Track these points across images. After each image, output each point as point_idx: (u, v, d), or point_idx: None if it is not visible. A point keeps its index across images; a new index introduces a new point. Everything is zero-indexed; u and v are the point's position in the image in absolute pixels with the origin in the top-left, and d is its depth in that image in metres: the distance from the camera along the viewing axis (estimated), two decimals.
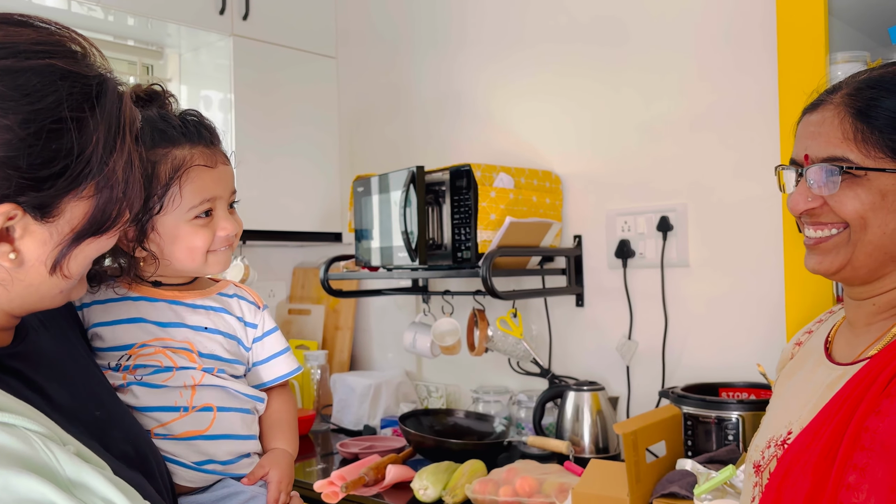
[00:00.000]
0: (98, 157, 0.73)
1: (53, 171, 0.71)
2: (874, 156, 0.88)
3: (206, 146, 1.05)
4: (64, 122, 0.71)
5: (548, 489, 1.65)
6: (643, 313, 2.07)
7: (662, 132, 2.02)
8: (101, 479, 0.69)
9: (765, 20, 1.80)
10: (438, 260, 2.04)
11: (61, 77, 0.72)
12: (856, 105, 0.90)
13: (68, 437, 0.72)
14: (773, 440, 0.97)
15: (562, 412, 1.98)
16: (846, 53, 1.29)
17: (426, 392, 2.58)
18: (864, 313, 0.97)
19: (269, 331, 1.17)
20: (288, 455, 1.13)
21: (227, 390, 1.09)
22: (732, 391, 1.78)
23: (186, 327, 1.07)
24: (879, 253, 0.91)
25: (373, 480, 1.86)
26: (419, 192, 2.00)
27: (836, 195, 0.90)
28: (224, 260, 1.08)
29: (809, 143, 0.94)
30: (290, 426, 1.16)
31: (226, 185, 1.07)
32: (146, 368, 1.03)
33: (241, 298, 1.15)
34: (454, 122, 2.50)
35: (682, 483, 1.42)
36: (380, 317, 2.78)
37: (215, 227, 1.05)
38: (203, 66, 2.62)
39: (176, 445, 1.03)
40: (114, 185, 0.76)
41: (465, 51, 2.47)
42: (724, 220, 1.92)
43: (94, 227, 0.77)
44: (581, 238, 2.18)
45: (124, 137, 0.77)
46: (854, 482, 0.81)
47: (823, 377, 0.97)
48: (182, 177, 1.01)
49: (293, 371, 1.19)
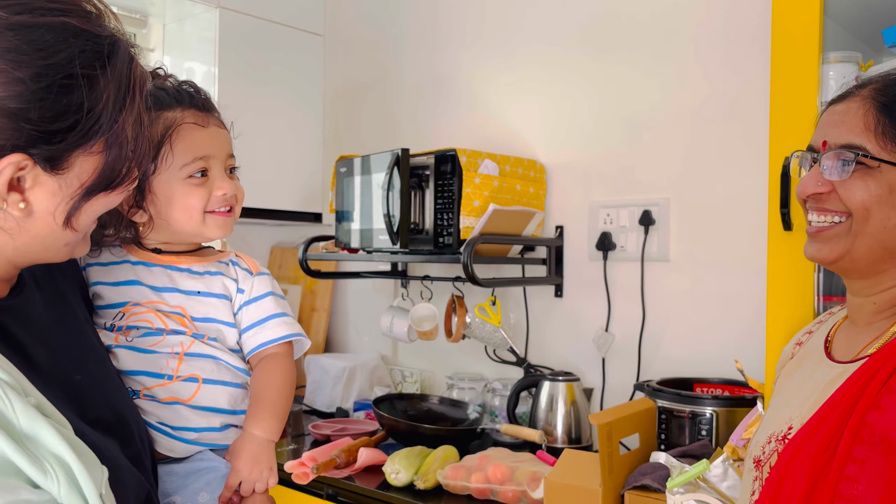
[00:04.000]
0: (108, 114, 0.75)
1: (64, 126, 0.73)
2: (890, 149, 0.90)
3: (199, 109, 1.06)
4: (75, 79, 0.73)
5: (520, 477, 1.65)
6: (621, 306, 2.07)
7: (649, 126, 2.02)
8: (55, 434, 0.70)
9: (757, 18, 1.80)
10: (419, 245, 2.03)
11: (74, 35, 0.73)
12: (882, 99, 0.92)
13: (32, 389, 0.73)
14: (774, 436, 0.98)
15: (536, 401, 1.98)
16: (839, 54, 1.29)
17: (401, 377, 2.57)
18: (865, 312, 0.98)
19: (258, 297, 1.11)
20: (254, 439, 1.06)
21: (217, 361, 1.07)
22: (707, 387, 1.79)
23: (179, 292, 1.07)
24: (879, 247, 0.92)
25: (344, 463, 1.85)
26: (403, 175, 1.98)
27: (847, 182, 0.92)
28: (224, 224, 1.07)
29: (830, 130, 0.95)
30: (266, 404, 1.07)
31: (220, 146, 1.07)
32: (138, 330, 1.04)
33: (236, 264, 1.13)
34: (441, 106, 2.48)
35: (655, 476, 1.42)
36: (357, 300, 2.76)
37: (212, 186, 1.05)
38: (187, 38, 2.57)
39: (162, 409, 1.03)
40: (123, 143, 0.78)
41: (456, 35, 2.45)
42: (707, 216, 1.92)
43: (103, 182, 0.79)
44: (563, 229, 2.18)
45: (134, 96, 0.78)
46: (853, 474, 0.83)
47: (824, 375, 0.98)
48: (173, 135, 1.02)
49: (277, 338, 1.10)
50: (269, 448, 1.07)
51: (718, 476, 1.26)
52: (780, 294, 1.35)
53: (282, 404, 1.09)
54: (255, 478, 1.05)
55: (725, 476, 1.26)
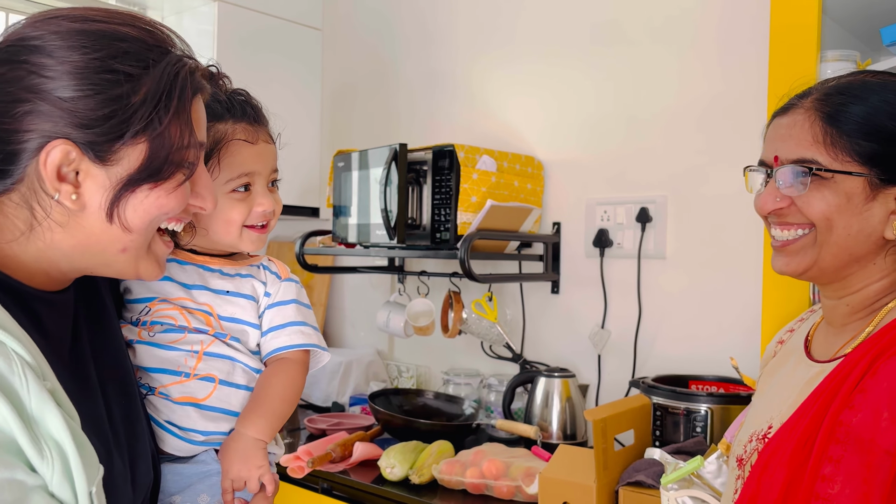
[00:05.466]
0: (146, 109, 0.80)
1: (102, 114, 0.78)
2: (841, 159, 0.91)
3: (250, 123, 1.08)
4: (116, 73, 0.78)
5: (515, 473, 1.66)
6: (617, 303, 2.08)
7: (647, 124, 2.02)
8: (60, 422, 0.71)
9: (756, 16, 1.80)
10: (416, 240, 2.03)
11: (120, 39, 0.80)
12: (825, 110, 0.93)
13: (51, 375, 0.74)
14: (755, 434, 0.99)
15: (531, 397, 1.98)
16: (836, 52, 1.29)
17: (397, 372, 2.58)
18: (839, 314, 0.99)
19: (282, 302, 1.12)
20: (242, 438, 1.04)
21: (234, 362, 1.07)
22: (702, 384, 1.79)
23: (209, 290, 1.08)
24: (844, 254, 0.93)
25: (339, 457, 1.85)
26: (401, 170, 1.98)
27: (804, 196, 0.93)
28: (258, 240, 1.09)
29: (780, 145, 0.96)
30: (261, 404, 1.06)
31: (266, 163, 1.09)
32: (161, 326, 1.05)
33: (267, 268, 1.14)
34: (439, 101, 2.48)
35: (649, 472, 1.43)
36: (354, 295, 2.76)
37: (252, 202, 1.07)
38: (186, 31, 2.56)
39: (172, 409, 1.03)
40: (164, 139, 0.81)
41: (455, 31, 2.44)
42: (704, 214, 1.92)
43: (146, 172, 0.81)
44: (560, 225, 2.18)
45: (180, 100, 0.83)
46: (829, 474, 0.84)
47: (803, 374, 0.99)
48: (222, 150, 1.04)
49: (291, 346, 1.10)
50: (256, 447, 1.05)
51: (713, 472, 1.27)
52: (775, 292, 1.35)
53: (278, 407, 1.08)
54: (243, 476, 1.04)
55: (719, 473, 1.26)
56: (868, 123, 0.91)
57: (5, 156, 0.77)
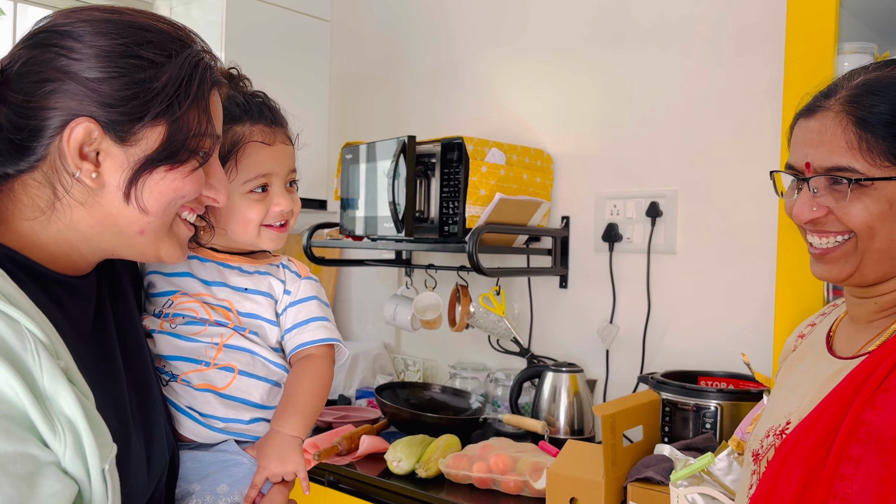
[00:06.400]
0: (167, 94, 0.83)
1: (125, 95, 0.81)
2: (880, 164, 0.87)
3: (267, 125, 1.10)
4: (140, 59, 0.82)
5: (522, 467, 1.65)
6: (626, 298, 2.06)
7: (657, 118, 2.00)
8: (73, 400, 0.72)
9: (771, 9, 1.78)
10: (424, 233, 2.01)
11: (145, 29, 0.84)
12: (857, 113, 0.88)
13: (66, 354, 0.76)
14: (773, 430, 0.98)
15: (539, 392, 1.97)
16: (854, 44, 1.27)
17: (403, 365, 2.57)
18: (866, 311, 0.97)
19: (303, 299, 1.14)
20: (279, 437, 1.07)
21: (254, 356, 1.09)
22: (712, 380, 1.78)
23: (228, 287, 1.10)
24: (886, 259, 0.90)
25: (346, 450, 1.85)
26: (409, 162, 1.97)
27: (844, 206, 0.89)
28: (277, 238, 1.11)
29: (810, 150, 0.92)
30: (294, 402, 1.09)
31: (283, 164, 1.10)
32: (182, 318, 1.07)
33: (286, 267, 1.16)
34: (448, 93, 2.46)
35: (658, 468, 1.42)
36: (361, 288, 2.75)
37: (270, 202, 1.09)
38: (194, 21, 2.55)
39: (193, 395, 1.05)
40: (183, 123, 0.85)
41: (464, 23, 2.43)
42: (715, 209, 1.91)
43: (163, 154, 0.84)
44: (569, 219, 2.17)
45: (200, 89, 0.86)
46: (848, 473, 0.82)
47: (824, 370, 0.97)
48: (239, 151, 1.06)
49: (316, 340, 1.12)
50: (294, 445, 1.07)
51: (723, 470, 1.25)
52: (788, 287, 1.34)
53: (310, 403, 1.10)
54: (280, 473, 1.06)
55: (730, 470, 1.25)
56: None
57: (29, 132, 0.80)
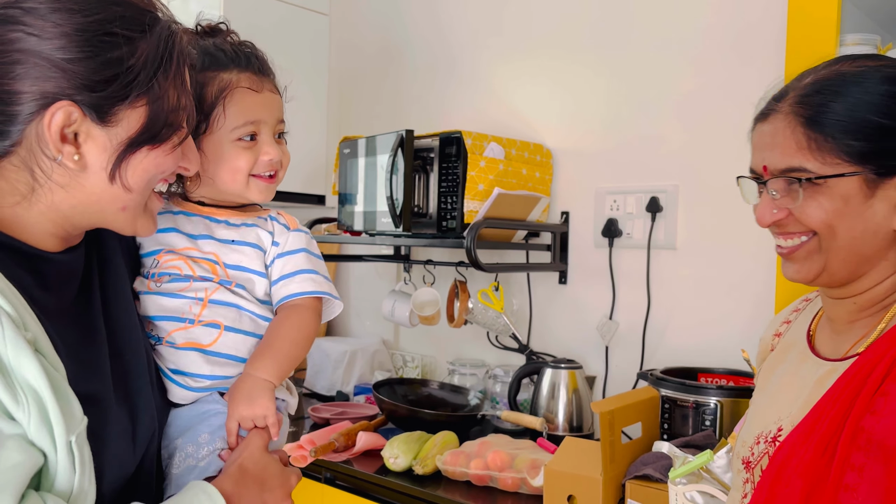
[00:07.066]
0: (147, 72, 0.82)
1: (105, 77, 0.80)
2: (831, 162, 0.87)
3: (255, 73, 1.08)
4: (115, 37, 0.80)
5: (520, 464, 1.63)
6: (626, 294, 2.05)
7: (658, 112, 1.98)
8: (38, 372, 0.72)
9: (773, 4, 1.76)
10: (423, 228, 2.00)
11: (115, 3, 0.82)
12: (805, 113, 0.89)
13: (35, 326, 0.76)
14: (763, 436, 0.96)
15: (538, 389, 1.96)
16: (856, 36, 1.25)
17: (402, 361, 2.56)
18: (844, 311, 0.95)
19: (291, 251, 1.11)
20: (250, 379, 1.03)
21: (240, 310, 1.07)
22: (712, 377, 1.76)
23: (214, 240, 1.09)
24: (852, 256, 0.90)
25: (343, 447, 1.84)
26: (407, 157, 1.95)
27: (800, 206, 0.90)
28: (266, 189, 1.10)
29: (766, 154, 0.93)
30: (270, 347, 1.06)
31: (271, 112, 1.10)
32: (168, 276, 1.06)
33: (275, 219, 1.14)
34: (447, 87, 2.44)
35: (657, 466, 1.40)
36: (359, 283, 2.74)
37: (259, 150, 1.08)
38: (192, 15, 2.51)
39: (178, 355, 1.04)
40: (163, 101, 0.84)
41: (463, 18, 2.41)
42: (715, 204, 1.89)
43: (146, 135, 0.84)
44: (568, 215, 2.15)
45: (177, 64, 0.85)
46: (852, 483, 0.80)
47: (811, 372, 0.95)
48: (227, 97, 1.05)
49: (301, 293, 1.09)
50: (264, 388, 1.03)
51: (722, 467, 1.24)
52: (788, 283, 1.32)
53: (287, 350, 1.07)
54: (247, 416, 1.02)
55: (729, 467, 1.24)
56: (851, 121, 0.86)
57: (5, 117, 0.79)
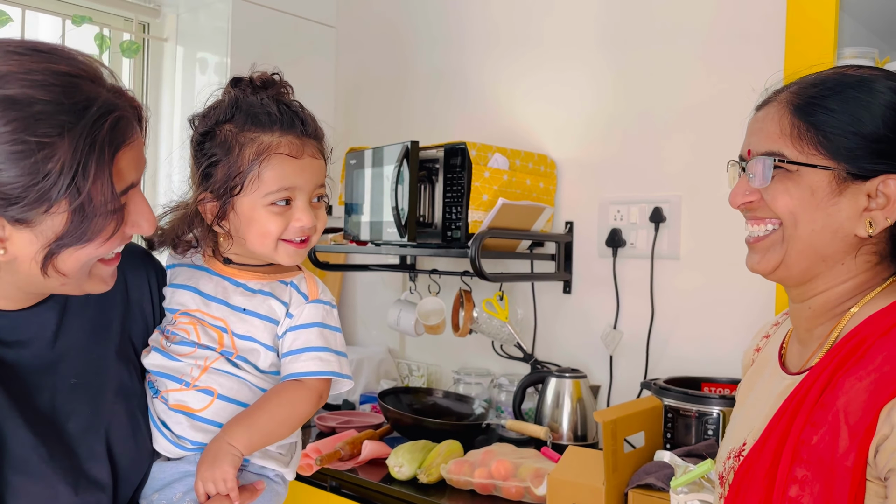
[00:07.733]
0: (65, 177, 0.77)
1: (19, 187, 0.76)
2: (807, 152, 0.89)
3: (297, 136, 1.05)
4: (27, 144, 0.75)
5: (523, 473, 1.64)
6: (630, 304, 2.05)
7: (661, 123, 2.00)
8: None
9: (771, 14, 1.77)
10: (428, 238, 2.01)
11: (30, 103, 0.76)
12: (796, 102, 0.91)
13: None
14: (732, 451, 0.97)
15: (542, 398, 1.97)
16: (854, 49, 1.26)
17: (407, 370, 2.57)
18: (802, 317, 0.96)
19: (304, 325, 1.08)
20: (217, 442, 1.01)
21: (241, 380, 1.06)
22: (715, 386, 1.77)
23: (227, 306, 1.07)
24: (810, 251, 0.90)
25: (348, 455, 1.85)
26: (412, 167, 1.97)
27: (769, 189, 0.91)
28: (295, 254, 1.07)
29: (752, 138, 0.95)
30: (250, 417, 1.02)
31: (309, 178, 1.06)
32: (177, 337, 1.06)
33: (296, 287, 1.10)
34: (452, 99, 2.46)
35: (659, 475, 1.41)
36: (365, 293, 2.75)
37: (291, 216, 1.04)
38: (201, 28, 2.57)
39: (168, 415, 1.04)
40: (87, 203, 0.79)
41: (468, 29, 2.43)
42: (719, 214, 1.89)
43: (71, 237, 0.81)
44: (573, 225, 2.17)
45: (100, 163, 0.79)
46: (795, 496, 0.82)
47: (775, 387, 0.96)
48: (263, 161, 1.02)
49: (305, 373, 1.05)
50: (228, 454, 0.99)
51: None
52: None
53: (265, 424, 1.03)
54: (206, 478, 0.99)
55: None
56: (838, 117, 0.88)
57: None
